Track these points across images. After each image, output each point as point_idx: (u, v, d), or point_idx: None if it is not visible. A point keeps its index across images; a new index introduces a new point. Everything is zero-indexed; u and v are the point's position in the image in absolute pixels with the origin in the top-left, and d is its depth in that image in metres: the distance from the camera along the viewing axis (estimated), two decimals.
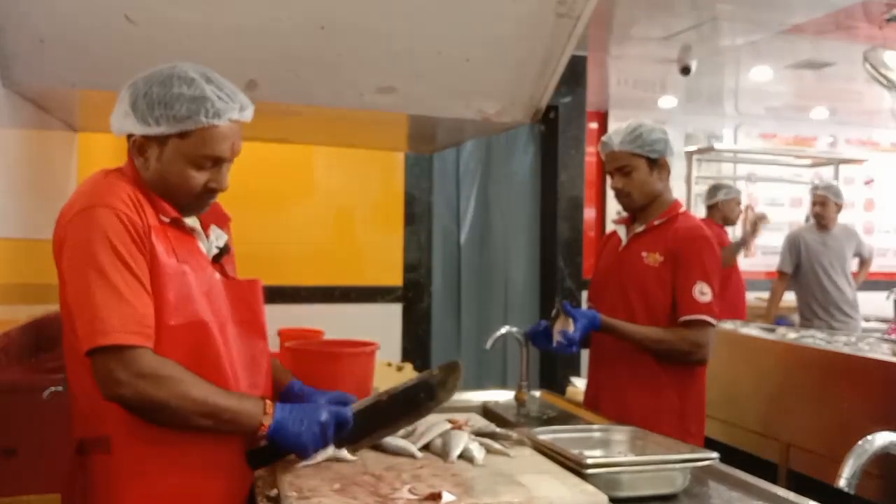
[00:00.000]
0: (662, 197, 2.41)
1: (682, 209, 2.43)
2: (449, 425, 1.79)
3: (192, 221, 1.55)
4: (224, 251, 1.61)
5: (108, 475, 1.43)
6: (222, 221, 1.64)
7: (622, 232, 2.47)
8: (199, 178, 1.47)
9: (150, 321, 1.37)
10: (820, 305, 4.85)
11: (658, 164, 2.37)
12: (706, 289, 2.29)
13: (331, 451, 1.56)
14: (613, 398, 2.36)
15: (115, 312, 1.34)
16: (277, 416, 1.44)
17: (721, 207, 4.95)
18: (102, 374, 1.34)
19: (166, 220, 1.47)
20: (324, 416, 1.47)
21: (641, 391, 2.31)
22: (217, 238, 1.61)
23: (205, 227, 1.59)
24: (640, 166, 2.36)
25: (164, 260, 1.42)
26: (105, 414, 1.40)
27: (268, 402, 1.45)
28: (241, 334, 1.55)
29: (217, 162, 1.48)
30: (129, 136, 1.48)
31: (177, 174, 1.45)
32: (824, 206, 4.86)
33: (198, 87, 1.43)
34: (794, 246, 4.96)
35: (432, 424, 1.79)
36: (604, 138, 2.43)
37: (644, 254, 2.36)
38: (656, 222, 2.38)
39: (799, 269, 4.93)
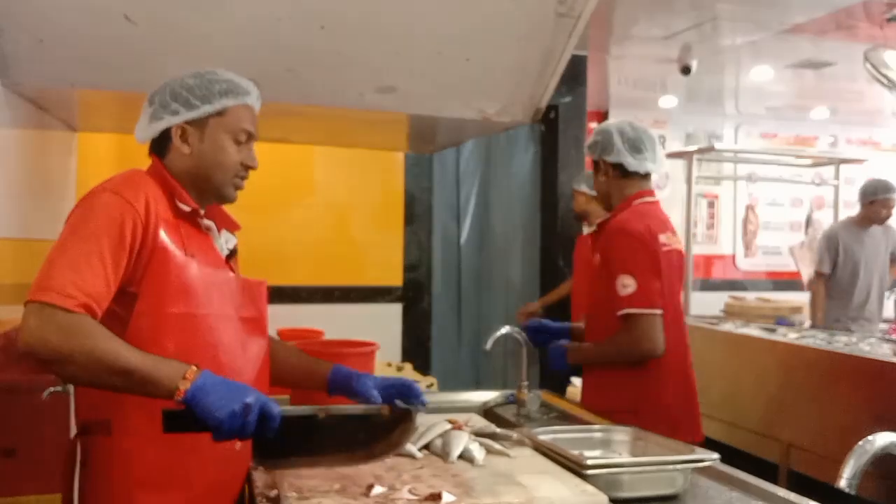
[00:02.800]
0: (617, 195, 2.44)
1: (638, 202, 2.41)
2: (449, 425, 1.79)
3: (207, 220, 1.63)
4: (233, 254, 1.70)
5: (107, 456, 1.48)
6: (232, 228, 1.73)
7: None
8: (237, 154, 1.62)
9: (92, 293, 1.37)
10: (854, 305, 4.71)
11: (597, 165, 2.46)
12: (628, 280, 2.27)
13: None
14: (588, 399, 2.45)
15: (61, 275, 1.36)
16: (198, 383, 1.35)
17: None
18: (22, 324, 1.35)
19: (186, 209, 1.55)
20: (251, 397, 1.35)
21: (597, 392, 2.38)
22: (227, 241, 1.69)
23: (218, 229, 1.68)
24: (595, 169, 2.49)
25: (171, 250, 1.48)
26: (106, 397, 1.43)
27: (192, 367, 1.37)
28: (245, 331, 1.60)
29: (249, 138, 1.64)
30: (159, 138, 1.61)
31: (219, 149, 1.60)
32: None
33: (225, 74, 1.64)
34: (834, 244, 4.79)
35: (432, 425, 1.79)
36: None
37: (596, 255, 2.43)
38: (599, 221, 2.47)
39: (835, 267, 4.78)
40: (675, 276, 2.42)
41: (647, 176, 2.47)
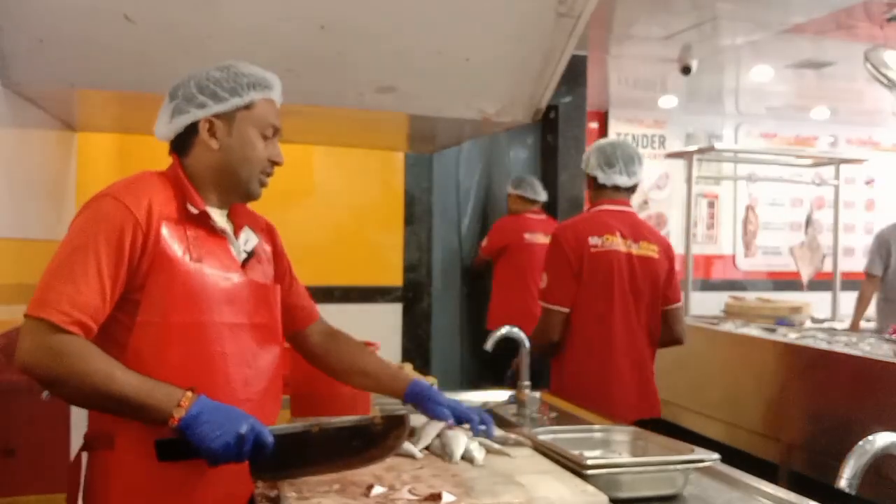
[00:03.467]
0: (591, 203, 2.84)
1: (596, 209, 2.77)
2: (442, 424, 1.78)
3: (222, 222, 1.58)
4: (251, 255, 1.64)
5: (109, 470, 1.46)
6: (257, 227, 1.70)
7: None
8: (264, 150, 1.60)
9: (89, 309, 1.36)
10: None
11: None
12: (544, 277, 2.69)
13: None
14: None
15: (56, 289, 1.36)
16: (193, 412, 1.34)
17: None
18: (18, 342, 1.35)
19: (195, 211, 1.51)
20: (244, 428, 1.35)
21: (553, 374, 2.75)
22: (246, 242, 1.64)
23: (238, 230, 1.63)
24: None
25: (174, 257, 1.45)
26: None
27: (188, 393, 1.36)
28: (256, 338, 1.56)
29: (275, 133, 1.62)
30: (181, 136, 1.57)
31: (249, 144, 1.58)
32: None
33: (250, 68, 1.60)
34: (885, 246, 4.76)
35: (427, 423, 1.79)
36: None
37: None
38: None
39: (887, 270, 4.76)
40: (613, 274, 2.65)
41: (618, 188, 2.74)
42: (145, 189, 1.48)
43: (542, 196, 4.97)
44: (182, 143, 1.58)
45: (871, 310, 4.98)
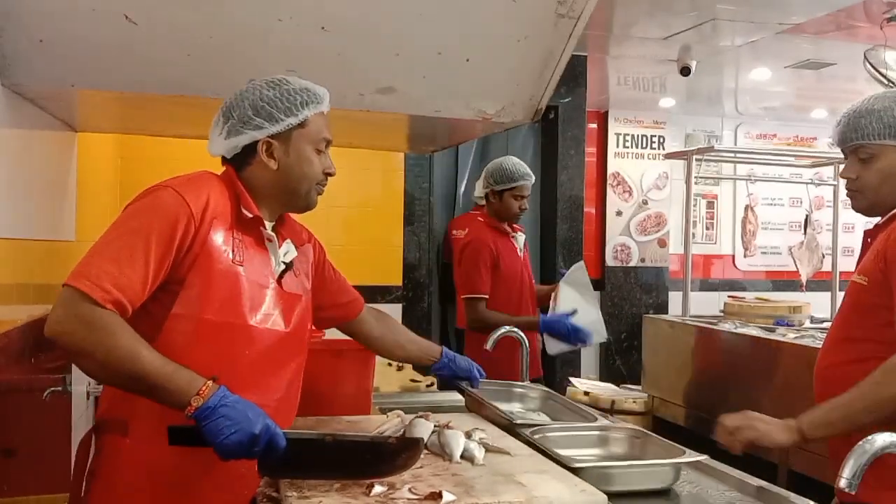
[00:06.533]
0: None
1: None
2: (430, 424, 1.78)
3: (269, 231, 1.61)
4: (289, 267, 1.67)
5: (120, 456, 1.48)
6: (299, 241, 1.73)
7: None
8: (319, 163, 1.64)
9: (128, 292, 1.37)
10: None
11: None
12: None
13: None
14: None
15: (99, 266, 1.37)
16: (210, 403, 1.33)
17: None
18: (52, 309, 1.36)
19: (249, 215, 1.54)
20: (259, 428, 1.34)
21: None
22: (286, 253, 1.67)
23: (281, 241, 1.67)
24: None
25: (218, 256, 1.47)
26: (127, 397, 1.43)
27: (209, 383, 1.36)
28: (281, 347, 1.58)
29: (327, 145, 1.67)
30: (238, 155, 1.59)
31: (306, 161, 1.62)
32: None
33: (298, 83, 1.62)
34: None
35: (415, 421, 1.79)
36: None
37: None
38: None
39: None
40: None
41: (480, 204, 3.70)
42: (205, 186, 1.50)
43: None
44: (238, 159, 1.60)
45: None
